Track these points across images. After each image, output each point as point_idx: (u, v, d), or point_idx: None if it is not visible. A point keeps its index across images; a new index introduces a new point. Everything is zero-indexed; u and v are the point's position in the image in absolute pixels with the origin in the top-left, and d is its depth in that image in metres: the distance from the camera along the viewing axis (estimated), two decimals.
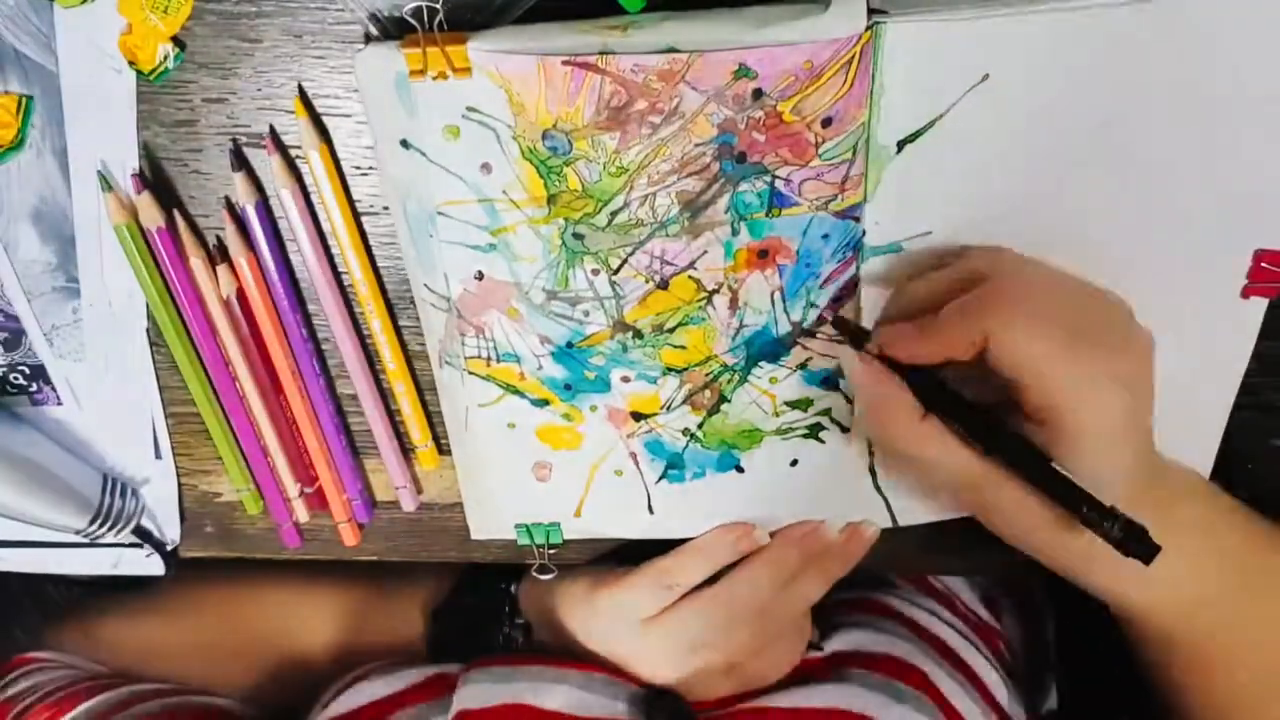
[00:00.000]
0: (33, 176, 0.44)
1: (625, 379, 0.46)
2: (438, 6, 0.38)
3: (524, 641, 0.55)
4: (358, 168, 0.44)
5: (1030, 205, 0.41)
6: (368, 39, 0.41)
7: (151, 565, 0.54)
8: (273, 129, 0.43)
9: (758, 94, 0.38)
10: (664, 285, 0.43)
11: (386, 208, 0.44)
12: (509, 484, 0.50)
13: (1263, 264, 0.43)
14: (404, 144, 0.40)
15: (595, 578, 0.51)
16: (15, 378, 0.49)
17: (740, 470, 0.48)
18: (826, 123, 0.38)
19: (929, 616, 0.57)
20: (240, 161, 0.43)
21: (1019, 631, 0.66)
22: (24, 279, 0.47)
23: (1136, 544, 0.37)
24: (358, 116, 0.42)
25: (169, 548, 0.54)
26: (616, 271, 0.43)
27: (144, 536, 0.53)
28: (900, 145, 0.39)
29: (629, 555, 0.52)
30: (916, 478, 0.46)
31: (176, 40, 0.41)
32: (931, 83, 0.38)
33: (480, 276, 0.43)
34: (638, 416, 0.47)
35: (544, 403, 0.47)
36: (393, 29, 0.40)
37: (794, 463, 0.48)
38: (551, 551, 0.53)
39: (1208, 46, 0.38)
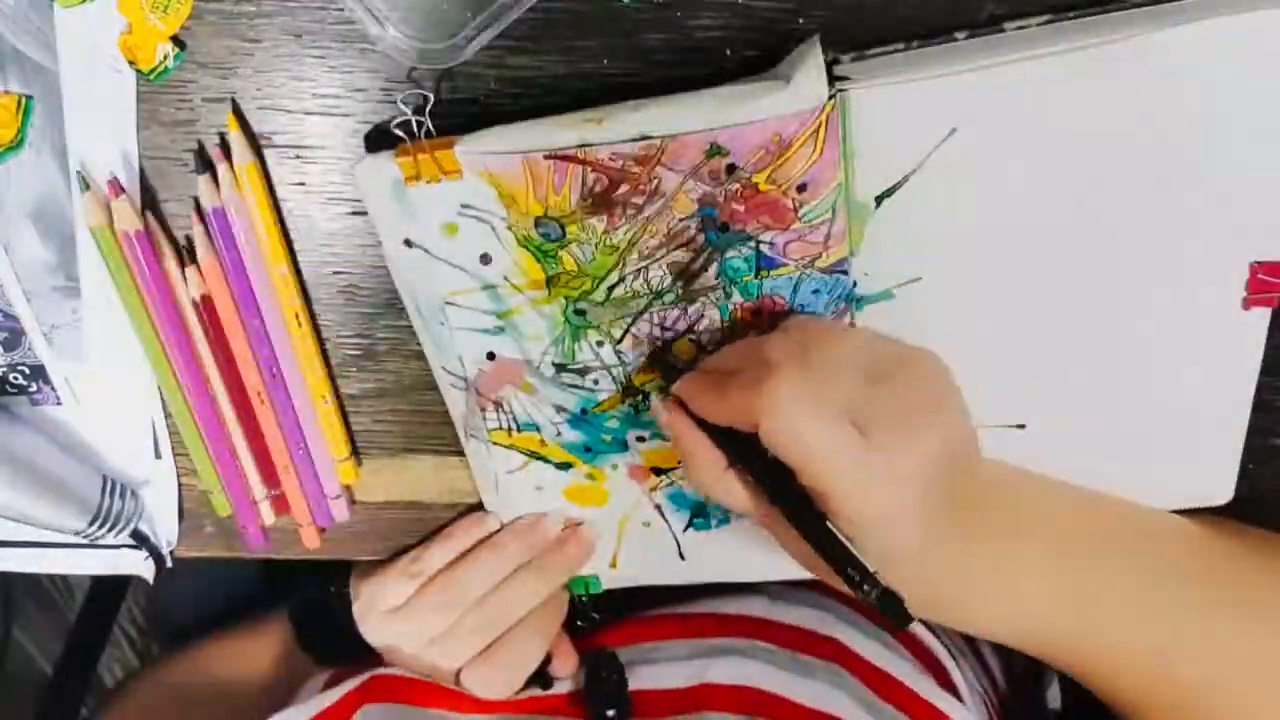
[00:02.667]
0: (32, 176, 0.44)
1: (640, 438, 0.47)
2: (425, 119, 0.40)
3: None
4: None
5: (1018, 241, 0.42)
6: (368, 146, 0.43)
7: (150, 568, 0.55)
8: (222, 138, 0.44)
9: (731, 169, 0.39)
10: (666, 349, 0.45)
11: None
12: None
13: (1260, 275, 0.43)
14: (407, 243, 0.42)
15: (364, 570, 0.54)
16: (15, 377, 0.49)
17: None
18: (802, 188, 0.40)
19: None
20: (205, 164, 0.44)
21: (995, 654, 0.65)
22: (24, 279, 0.46)
23: (893, 611, 0.37)
24: (358, 116, 0.43)
25: (164, 550, 0.54)
26: (620, 341, 0.44)
27: (141, 540, 0.53)
28: (879, 200, 0.40)
29: None
30: None
31: (176, 40, 0.41)
32: (901, 141, 0.39)
33: (492, 356, 0.45)
34: (658, 471, 0.49)
35: (567, 465, 0.49)
36: (380, 139, 0.42)
37: None
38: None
39: (1174, 75, 0.38)
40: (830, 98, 0.37)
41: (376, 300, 0.48)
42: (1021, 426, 0.47)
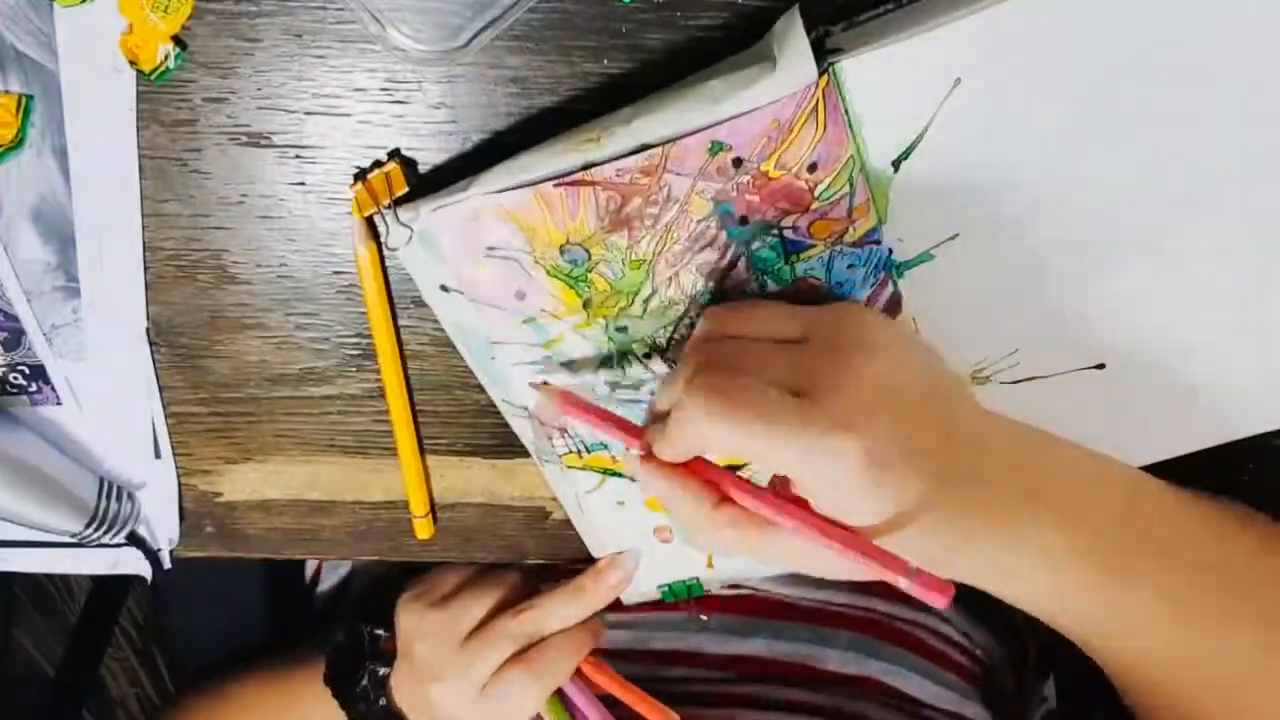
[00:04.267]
0: (33, 176, 0.44)
1: None
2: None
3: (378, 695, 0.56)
4: (358, 167, 0.44)
5: (1051, 178, 0.40)
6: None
7: (149, 568, 0.55)
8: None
9: (738, 162, 0.39)
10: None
11: None
12: (637, 551, 0.53)
13: None
14: (444, 289, 0.44)
15: (430, 596, 0.55)
16: (15, 378, 0.49)
17: None
18: (813, 168, 0.39)
19: None
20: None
21: (999, 647, 0.63)
22: (24, 279, 0.46)
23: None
24: (358, 116, 0.43)
25: (163, 551, 0.55)
26: (667, 349, 0.44)
27: (136, 543, 0.53)
28: (896, 164, 0.39)
29: None
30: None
31: (177, 40, 0.41)
32: (905, 101, 0.38)
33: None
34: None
35: None
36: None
37: None
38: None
39: None
40: (821, 73, 0.36)
41: None
42: (1101, 366, 0.45)
